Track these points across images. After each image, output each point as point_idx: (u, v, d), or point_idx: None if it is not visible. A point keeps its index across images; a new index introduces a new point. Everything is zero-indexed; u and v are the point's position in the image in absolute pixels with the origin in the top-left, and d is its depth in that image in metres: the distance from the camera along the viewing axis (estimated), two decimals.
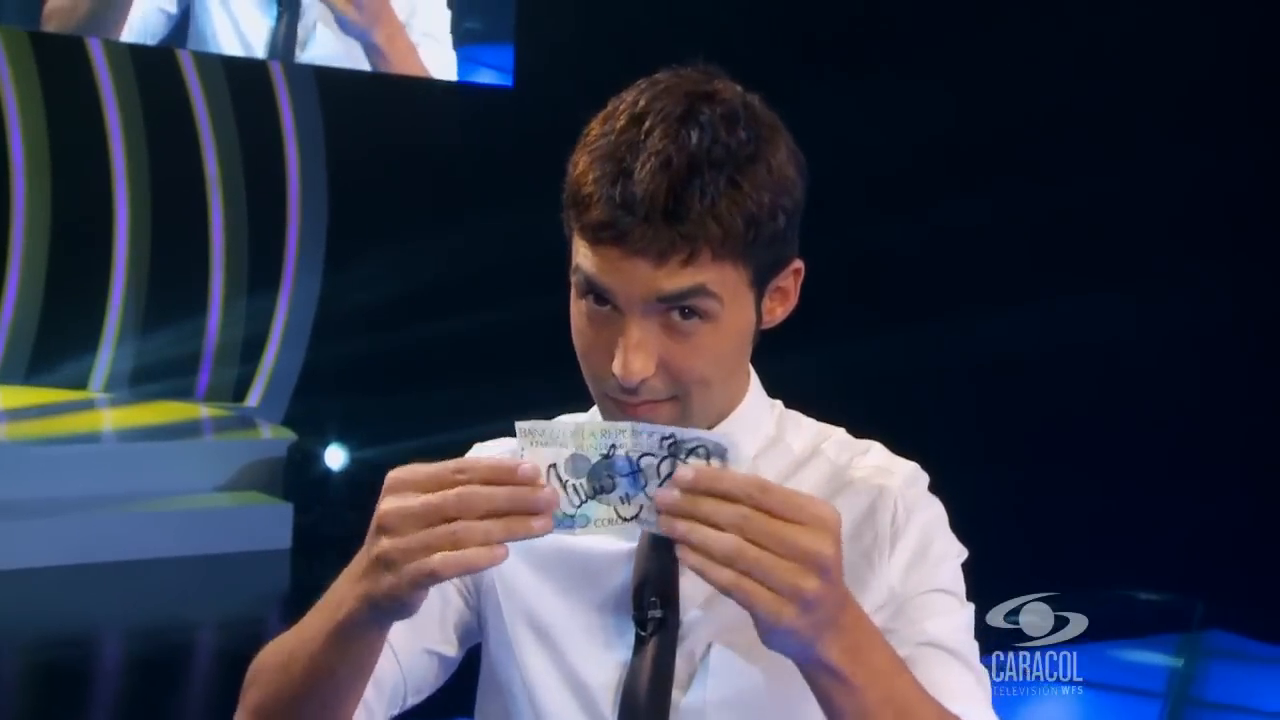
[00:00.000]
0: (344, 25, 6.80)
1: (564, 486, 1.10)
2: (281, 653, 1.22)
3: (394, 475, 1.10)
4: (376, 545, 1.09)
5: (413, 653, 1.34)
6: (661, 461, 1.09)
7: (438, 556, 1.06)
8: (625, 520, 1.10)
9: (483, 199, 7.10)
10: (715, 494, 1.05)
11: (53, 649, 5.02)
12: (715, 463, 1.08)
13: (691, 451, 1.08)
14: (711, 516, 1.04)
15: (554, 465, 1.09)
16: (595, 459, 1.10)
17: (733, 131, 1.18)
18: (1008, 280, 6.54)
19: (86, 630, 5.33)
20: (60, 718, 4.47)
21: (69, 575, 5.61)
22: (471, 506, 1.06)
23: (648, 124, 1.18)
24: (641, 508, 1.10)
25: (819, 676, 1.10)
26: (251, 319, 7.72)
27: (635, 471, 1.10)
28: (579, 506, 1.10)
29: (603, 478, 1.10)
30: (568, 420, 1.15)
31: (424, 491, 1.08)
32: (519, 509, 1.07)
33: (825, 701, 1.12)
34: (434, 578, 1.07)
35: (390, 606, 1.11)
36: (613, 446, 1.10)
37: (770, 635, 1.06)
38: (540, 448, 1.09)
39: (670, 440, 1.09)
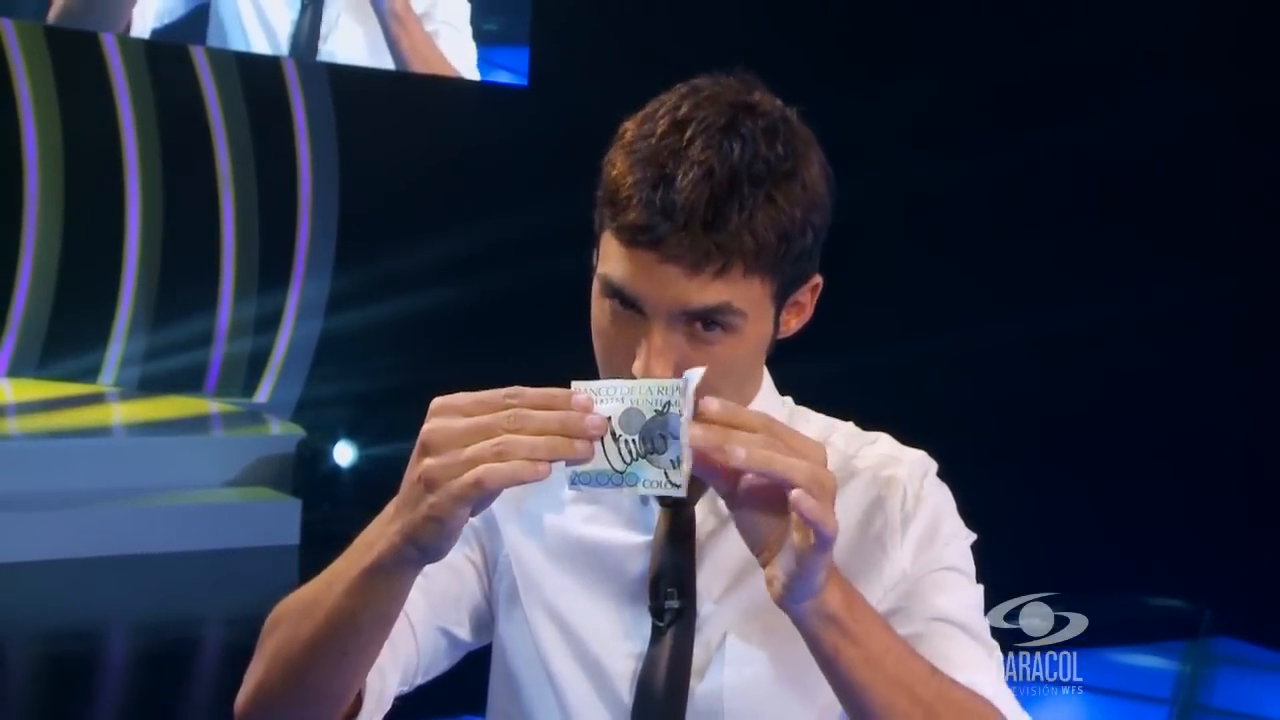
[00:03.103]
0: None
1: (617, 441, 1.10)
2: (304, 599, 1.21)
3: (440, 400, 1.10)
4: (419, 467, 1.08)
5: (429, 630, 1.34)
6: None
7: (482, 468, 1.05)
8: (675, 486, 1.10)
9: (495, 197, 7.11)
10: (736, 425, 1.09)
11: (61, 642, 5.04)
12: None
13: None
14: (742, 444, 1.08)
15: (609, 419, 1.09)
16: (649, 415, 1.10)
17: (772, 146, 1.20)
18: (1011, 281, 6.53)
19: (94, 624, 5.34)
20: (68, 711, 4.48)
21: (77, 569, 5.62)
22: (521, 427, 1.07)
23: (690, 132, 1.19)
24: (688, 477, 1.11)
25: (825, 631, 1.12)
26: (262, 315, 7.73)
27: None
28: (630, 464, 1.10)
29: (655, 436, 1.10)
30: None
31: (469, 415, 1.08)
32: (568, 432, 1.07)
33: (834, 658, 1.13)
34: (479, 489, 1.06)
35: (429, 535, 1.09)
36: (667, 404, 1.10)
37: (817, 557, 1.08)
38: (596, 404, 1.09)
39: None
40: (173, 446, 6.64)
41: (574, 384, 1.11)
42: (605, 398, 1.10)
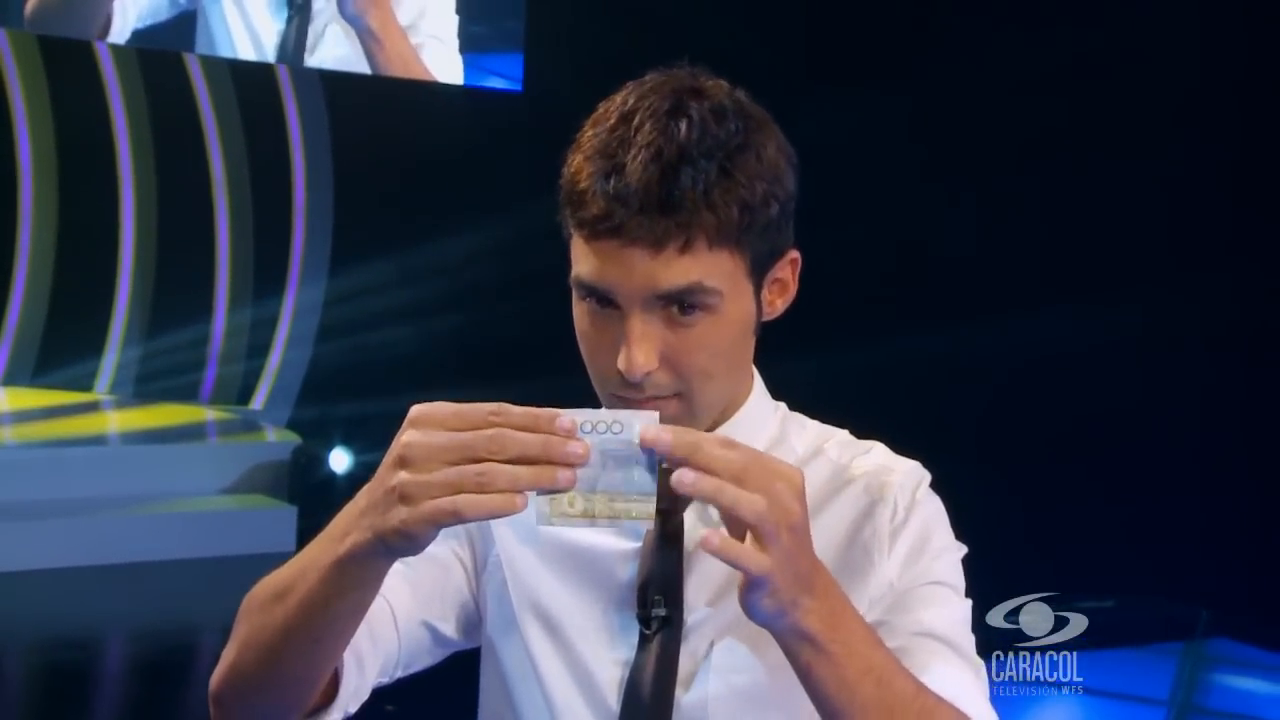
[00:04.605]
0: (342, 6, 6.83)
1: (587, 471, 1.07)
2: (278, 585, 1.20)
3: (419, 409, 1.08)
4: (393, 478, 1.06)
5: (412, 622, 1.34)
6: None
7: (462, 498, 1.03)
8: (644, 518, 1.08)
9: (488, 203, 7.12)
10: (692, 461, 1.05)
11: (57, 650, 5.03)
12: None
13: None
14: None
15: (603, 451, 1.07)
16: (612, 446, 1.07)
17: (721, 123, 1.21)
18: (1012, 285, 6.54)
19: (91, 632, 5.33)
20: (65, 719, 4.48)
21: (74, 577, 5.61)
22: (503, 448, 1.04)
23: (637, 120, 1.20)
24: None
25: (799, 648, 1.10)
26: (256, 322, 7.73)
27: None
28: (596, 498, 1.08)
29: (619, 467, 1.08)
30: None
31: (451, 430, 1.05)
32: (550, 459, 1.04)
33: (806, 675, 1.12)
34: (457, 518, 1.04)
35: (398, 543, 1.07)
36: (628, 437, 1.08)
37: (751, 594, 1.06)
38: (585, 435, 1.07)
39: None
40: (168, 454, 6.63)
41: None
42: (592, 429, 1.07)
